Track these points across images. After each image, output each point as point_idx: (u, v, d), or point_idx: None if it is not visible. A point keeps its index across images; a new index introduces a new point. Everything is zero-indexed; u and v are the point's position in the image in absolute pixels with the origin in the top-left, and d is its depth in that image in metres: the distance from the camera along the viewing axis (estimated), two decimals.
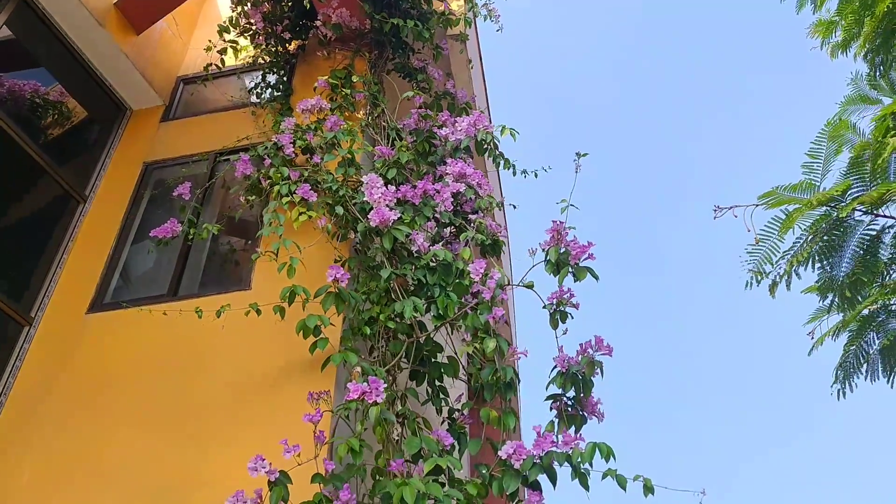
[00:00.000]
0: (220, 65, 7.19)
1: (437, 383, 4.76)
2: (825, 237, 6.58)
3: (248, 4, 7.26)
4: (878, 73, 8.69)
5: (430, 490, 3.31)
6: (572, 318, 4.52)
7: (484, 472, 3.95)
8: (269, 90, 7.15)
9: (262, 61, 7.29)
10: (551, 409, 4.35)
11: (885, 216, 6.60)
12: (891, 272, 7.06)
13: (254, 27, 7.28)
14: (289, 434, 4.41)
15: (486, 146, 5.67)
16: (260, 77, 7.28)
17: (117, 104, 7.37)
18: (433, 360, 4.76)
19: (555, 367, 4.38)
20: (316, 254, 5.03)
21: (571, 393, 4.32)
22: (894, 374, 8.19)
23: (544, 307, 4.56)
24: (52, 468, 4.78)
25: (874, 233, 6.63)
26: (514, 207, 6.97)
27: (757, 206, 6.54)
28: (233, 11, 7.35)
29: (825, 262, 6.83)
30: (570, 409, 4.31)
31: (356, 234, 5.01)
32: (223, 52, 7.18)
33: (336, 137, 5.47)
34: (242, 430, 4.64)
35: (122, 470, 4.64)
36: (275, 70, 7.30)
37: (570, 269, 4.14)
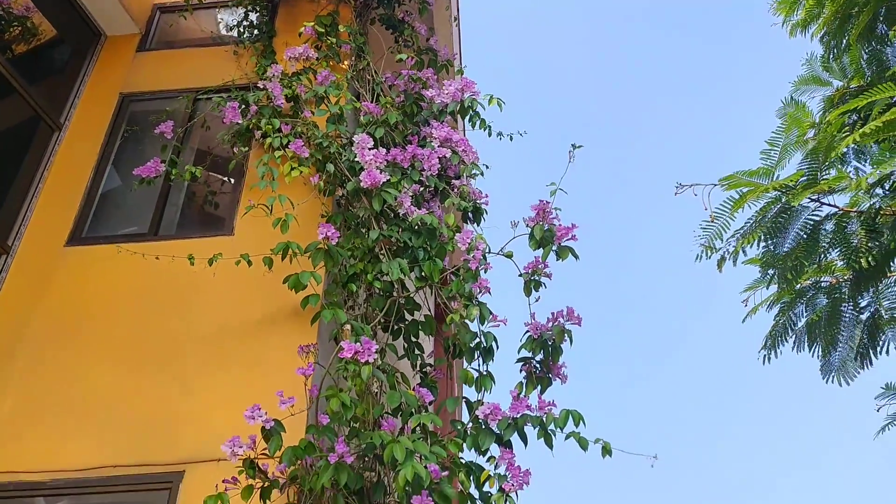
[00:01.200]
0: None
1: (413, 339, 5.05)
2: (774, 219, 7.03)
3: None
4: (831, 56, 9.08)
5: (417, 447, 3.61)
6: (545, 287, 4.86)
7: (459, 427, 4.29)
8: (251, 30, 7.10)
9: None
10: (521, 370, 4.72)
11: (829, 205, 7.08)
12: (827, 256, 7.60)
13: None
14: (271, 383, 4.68)
15: (470, 111, 5.85)
16: (242, 15, 7.20)
17: (91, 28, 7.20)
18: (411, 317, 5.04)
19: (527, 332, 4.72)
20: (300, 207, 5.17)
21: (540, 357, 4.68)
22: (817, 346, 8.87)
23: (520, 275, 4.87)
24: (30, 402, 4.88)
25: (817, 219, 7.11)
26: (487, 167, 7.18)
27: (715, 186, 6.94)
28: None
29: (770, 242, 7.30)
30: (538, 371, 4.68)
31: (344, 191, 5.17)
32: None
33: (326, 91, 5.56)
34: (225, 375, 4.85)
35: (101, 405, 4.81)
36: (256, 8, 7.23)
37: (553, 248, 4.43)
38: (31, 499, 4.51)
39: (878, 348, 8.37)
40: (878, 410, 10.23)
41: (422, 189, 5.24)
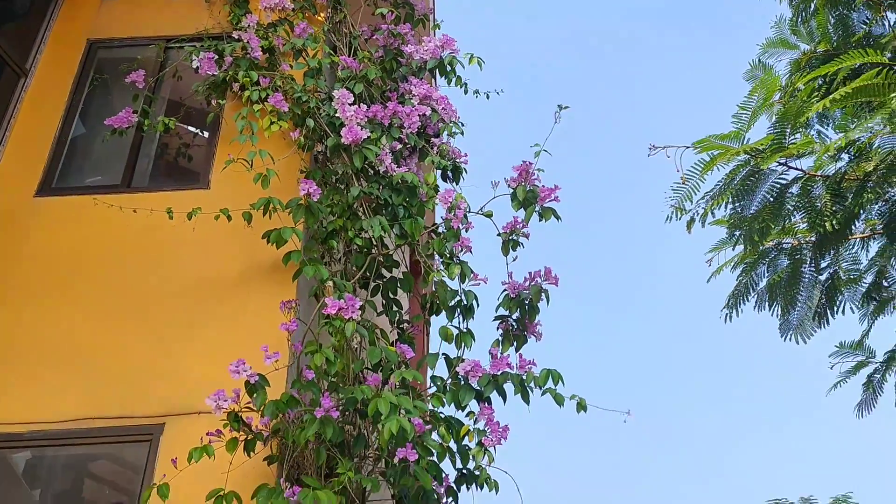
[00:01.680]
0: None
1: (392, 296, 5.10)
2: (742, 182, 7.18)
3: None
4: (799, 20, 9.19)
5: (401, 402, 3.69)
6: (522, 246, 4.93)
7: (439, 384, 4.38)
8: None
9: None
10: (498, 328, 4.81)
11: (796, 168, 7.25)
12: (791, 218, 7.80)
13: None
14: (250, 337, 4.71)
15: (448, 69, 5.82)
16: None
17: None
18: (389, 274, 5.09)
19: (504, 291, 4.80)
20: (278, 163, 5.13)
21: (517, 315, 4.77)
22: (776, 306, 9.17)
23: (498, 235, 4.94)
24: (5, 354, 4.82)
25: (784, 182, 7.28)
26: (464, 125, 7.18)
27: (688, 148, 7.05)
28: None
29: (737, 205, 7.47)
30: (514, 329, 4.77)
31: (324, 146, 5.15)
32: None
33: (304, 45, 5.48)
34: (204, 329, 4.86)
35: (79, 358, 4.79)
36: None
37: (537, 209, 4.49)
38: (8, 451, 4.50)
39: (836, 308, 8.70)
40: (831, 368, 10.65)
41: (400, 147, 5.24)
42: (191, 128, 6.39)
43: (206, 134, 6.14)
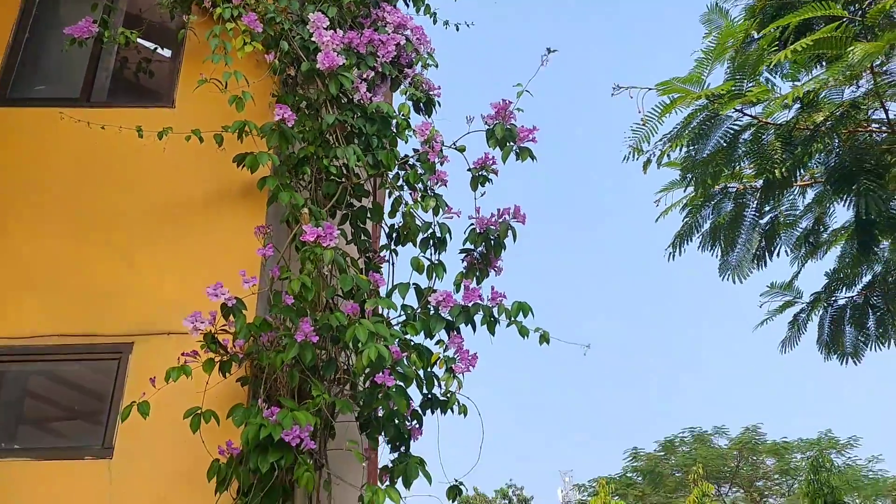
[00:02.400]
0: None
1: (360, 225, 5.15)
2: (699, 126, 7.39)
3: None
4: None
5: (378, 330, 3.81)
6: (491, 182, 5.02)
7: (409, 312, 4.51)
8: None
9: None
10: (463, 261, 4.93)
11: (750, 115, 7.47)
12: (741, 164, 8.09)
13: None
14: (219, 260, 4.74)
15: None
16: None
17: None
18: (359, 203, 5.13)
19: (471, 225, 4.90)
20: (250, 86, 5.04)
21: (482, 249, 4.90)
22: (718, 247, 9.56)
23: (468, 170, 5.01)
24: None
25: (738, 128, 7.52)
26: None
27: (650, 90, 7.18)
28: None
29: (692, 148, 7.69)
30: (478, 263, 4.91)
31: (296, 71, 5.07)
32: None
33: None
34: (172, 250, 4.84)
35: (44, 275, 4.74)
36: None
37: (514, 148, 4.56)
38: None
39: (773, 251, 9.13)
40: (760, 307, 11.24)
41: (373, 75, 5.20)
42: (148, 43, 6.18)
43: (164, 51, 5.95)
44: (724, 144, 7.54)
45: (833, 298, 10.30)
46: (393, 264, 5.15)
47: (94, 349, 4.50)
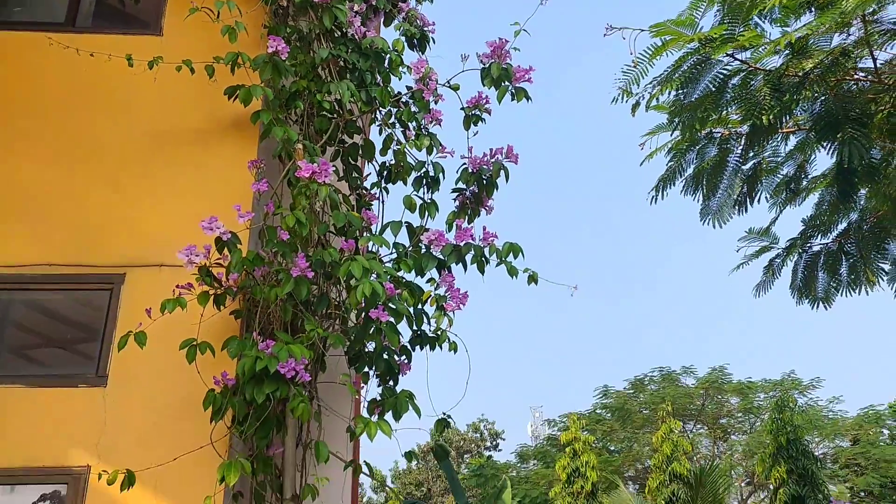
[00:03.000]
0: None
1: (352, 162, 5.14)
2: (689, 70, 7.36)
3: None
4: None
5: (373, 266, 3.85)
6: (484, 122, 5.02)
7: (401, 250, 4.55)
8: None
9: None
10: (455, 200, 4.96)
11: (740, 60, 7.46)
12: (728, 109, 8.10)
13: None
14: (211, 194, 4.72)
15: None
16: None
17: None
18: (350, 140, 5.11)
19: (463, 165, 4.91)
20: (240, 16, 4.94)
21: (474, 189, 4.92)
22: (700, 192, 9.66)
23: (462, 109, 4.99)
24: None
25: (727, 73, 7.51)
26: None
27: (643, 31, 7.12)
28: None
29: (681, 92, 7.68)
30: (470, 202, 4.94)
31: (290, 2, 4.96)
32: None
33: None
34: (163, 182, 4.81)
35: (34, 204, 4.70)
36: None
37: (510, 88, 4.54)
38: None
39: (754, 197, 9.25)
40: (737, 251, 11.44)
41: (367, 8, 5.11)
42: None
43: None
44: (713, 89, 7.53)
45: (808, 245, 10.50)
46: (383, 202, 5.17)
47: (85, 279, 4.51)
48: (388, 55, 4.88)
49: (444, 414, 4.35)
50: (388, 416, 4.13)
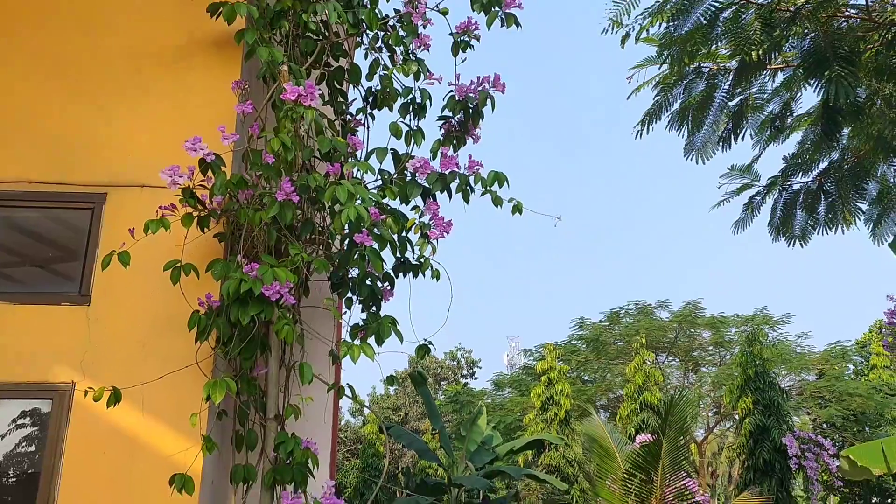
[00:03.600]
0: None
1: (337, 86, 5.06)
2: (680, 1, 7.27)
3: None
4: None
5: (358, 192, 3.84)
6: (472, 49, 4.94)
7: (385, 177, 4.54)
8: None
9: None
10: (441, 128, 4.92)
11: None
12: (718, 44, 8.03)
13: None
14: (195, 115, 4.65)
15: None
16: None
17: None
18: (336, 63, 5.01)
19: (450, 92, 4.86)
20: None
21: (460, 117, 4.88)
22: (685, 127, 9.66)
23: (450, 34, 4.90)
24: None
25: (720, 5, 7.42)
26: None
27: None
28: None
29: (671, 24, 7.59)
30: (456, 130, 4.91)
31: None
32: None
33: None
34: (144, 101, 4.71)
35: (11, 120, 4.60)
36: None
37: (500, 14, 4.45)
38: None
39: (739, 133, 9.27)
40: (718, 188, 11.52)
41: None
42: None
43: None
44: (704, 22, 7.46)
45: (788, 183, 10.60)
46: (369, 128, 5.11)
47: (66, 198, 4.46)
48: None
49: (426, 340, 4.42)
50: (371, 341, 4.20)
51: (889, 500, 22.52)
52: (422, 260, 4.36)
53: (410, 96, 4.65)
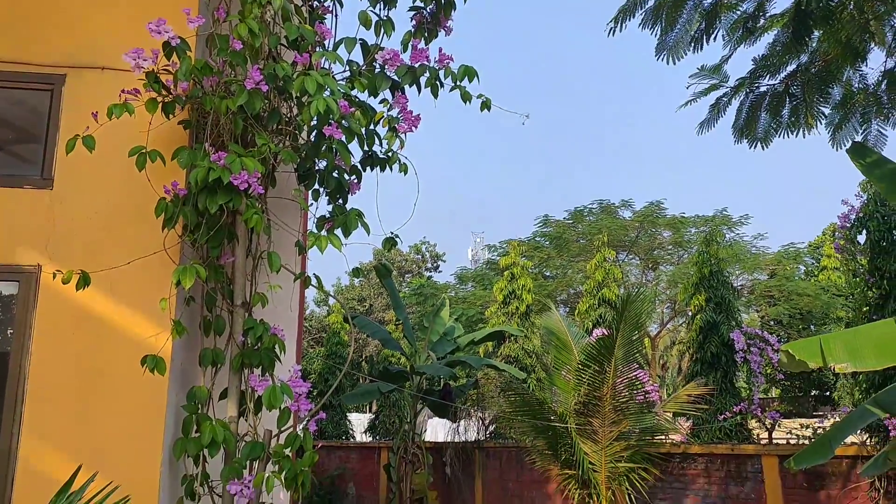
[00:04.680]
0: None
1: None
2: None
3: None
4: None
5: (327, 83, 3.80)
6: None
7: (354, 68, 4.47)
8: None
9: None
10: (412, 20, 4.82)
11: None
12: None
13: None
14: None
15: None
16: None
17: None
18: None
19: None
20: None
21: (432, 8, 4.78)
22: (659, 25, 9.51)
23: None
24: None
25: None
26: None
27: None
28: None
29: None
30: (427, 22, 4.82)
31: None
32: None
33: None
34: None
35: None
36: None
37: None
38: None
39: (711, 34, 9.18)
40: (687, 88, 11.49)
41: None
42: None
43: None
44: None
45: (756, 84, 10.61)
46: (337, 17, 4.98)
47: (23, 78, 4.34)
48: None
49: (392, 233, 4.49)
50: (338, 233, 4.26)
51: (828, 392, 23.90)
52: (389, 154, 4.37)
53: None
